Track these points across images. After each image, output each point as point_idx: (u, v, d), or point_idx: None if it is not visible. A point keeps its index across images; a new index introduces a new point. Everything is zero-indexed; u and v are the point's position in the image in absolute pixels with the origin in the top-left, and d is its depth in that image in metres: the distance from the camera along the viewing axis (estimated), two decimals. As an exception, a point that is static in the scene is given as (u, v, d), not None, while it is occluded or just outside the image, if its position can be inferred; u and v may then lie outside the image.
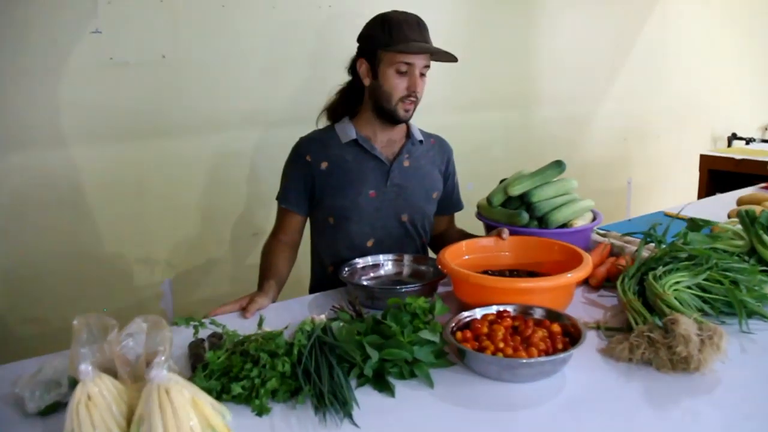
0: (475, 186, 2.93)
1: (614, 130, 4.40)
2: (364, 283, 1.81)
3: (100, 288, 2.54)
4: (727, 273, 1.63)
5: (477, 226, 2.08)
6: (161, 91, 2.54)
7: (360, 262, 1.86)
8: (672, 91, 4.69)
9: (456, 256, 1.75)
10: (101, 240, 2.51)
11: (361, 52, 1.88)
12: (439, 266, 1.65)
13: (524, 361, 1.29)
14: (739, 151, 4.11)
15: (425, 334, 1.38)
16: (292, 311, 1.70)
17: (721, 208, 2.66)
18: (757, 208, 2.27)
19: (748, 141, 5.16)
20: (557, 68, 3.94)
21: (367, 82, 1.87)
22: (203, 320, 1.50)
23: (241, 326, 1.58)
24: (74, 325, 1.17)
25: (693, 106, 4.88)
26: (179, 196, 2.67)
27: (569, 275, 1.54)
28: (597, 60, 4.17)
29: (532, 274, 1.78)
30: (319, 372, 1.28)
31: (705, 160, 3.98)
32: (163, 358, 1.06)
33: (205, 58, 2.62)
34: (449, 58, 1.83)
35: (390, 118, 1.88)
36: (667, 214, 2.62)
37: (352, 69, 1.93)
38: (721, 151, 4.19)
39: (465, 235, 2.05)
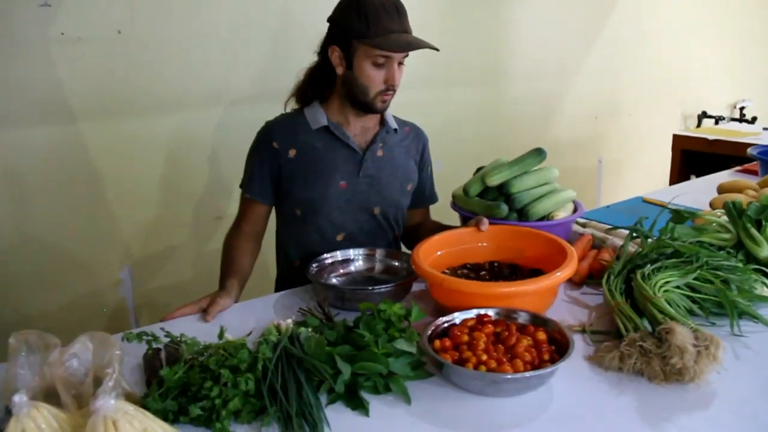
0: (444, 165, 2.83)
1: (585, 107, 4.32)
2: (333, 281, 1.69)
3: (53, 278, 2.39)
4: (717, 272, 1.54)
5: (451, 216, 1.98)
6: (116, 69, 2.38)
7: (329, 257, 1.74)
8: (644, 68, 4.61)
9: (430, 252, 1.64)
10: (52, 227, 2.36)
11: (333, 38, 1.72)
12: (413, 267, 1.53)
13: (509, 376, 1.19)
14: (710, 131, 4.06)
15: (401, 345, 1.27)
16: (256, 312, 1.58)
17: (700, 193, 2.59)
18: (740, 197, 2.20)
19: (718, 119, 5.13)
20: (529, 44, 3.83)
21: (340, 71, 1.73)
22: (159, 327, 1.37)
23: (201, 331, 1.45)
24: (11, 343, 1.03)
25: (664, 83, 4.82)
26: (136, 179, 2.53)
27: (558, 274, 1.44)
28: (569, 36, 4.07)
29: (513, 266, 1.68)
30: (286, 390, 1.16)
31: (678, 140, 3.92)
32: (110, 383, 0.94)
33: (164, 34, 2.46)
34: (430, 47, 1.68)
35: (366, 109, 1.75)
36: (645, 201, 2.54)
37: (323, 52, 1.77)
38: (694, 131, 4.14)
39: (441, 228, 1.94)
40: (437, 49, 1.65)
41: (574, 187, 1.94)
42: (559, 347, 1.30)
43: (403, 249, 2.01)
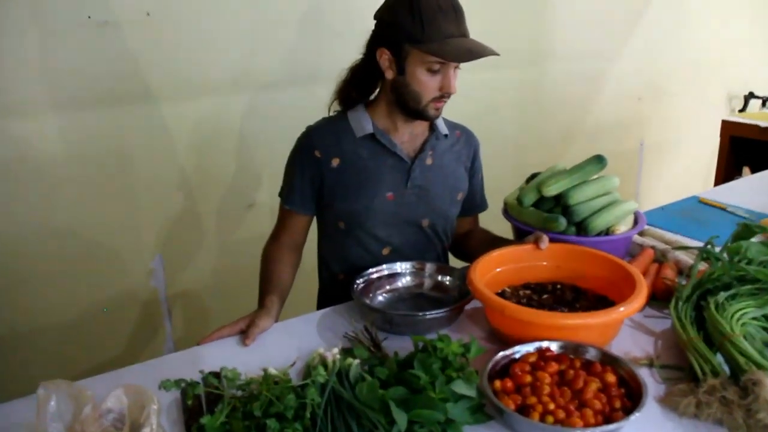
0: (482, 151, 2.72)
1: (627, 89, 4.15)
2: (380, 299, 1.60)
3: (82, 268, 2.32)
4: (798, 302, 1.42)
5: (496, 220, 1.86)
6: (145, 52, 2.26)
7: (375, 272, 1.64)
8: (687, 48, 4.41)
9: (487, 270, 1.53)
10: (80, 216, 2.28)
11: (382, 40, 1.57)
12: (470, 288, 1.43)
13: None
14: (760, 116, 3.88)
15: (460, 388, 1.17)
16: (299, 335, 1.48)
17: (759, 193, 2.45)
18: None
19: (765, 100, 4.92)
20: (569, 25, 3.65)
21: (389, 75, 1.58)
22: (198, 370, 1.27)
23: (241, 357, 1.37)
24: (39, 394, 0.95)
25: (709, 63, 4.61)
26: (164, 166, 2.43)
27: (627, 307, 1.33)
28: (612, 16, 3.89)
29: (576, 289, 1.57)
30: (338, 441, 1.07)
31: (727, 126, 3.74)
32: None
33: (192, 16, 2.34)
34: (492, 53, 1.52)
35: (417, 116, 1.61)
36: (702, 201, 2.40)
37: (369, 52, 1.62)
38: (745, 116, 3.96)
39: (492, 239, 1.83)
40: (498, 54, 1.50)
41: (614, 172, 1.82)
42: (628, 388, 1.20)
43: (451, 259, 1.90)
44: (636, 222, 1.77)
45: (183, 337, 2.63)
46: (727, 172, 3.72)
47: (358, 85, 1.67)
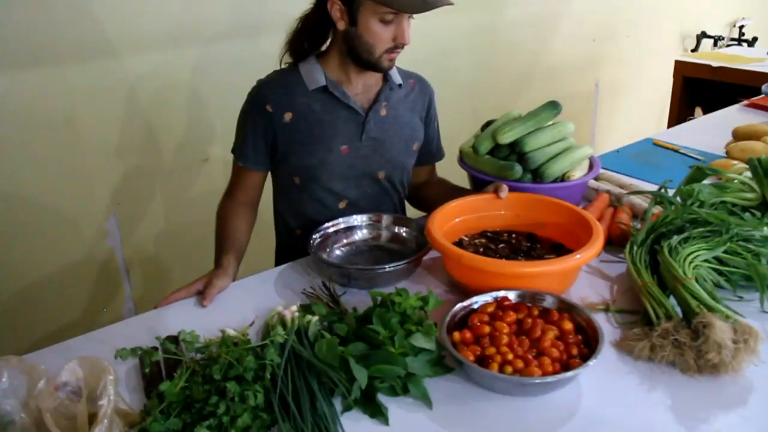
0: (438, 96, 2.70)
1: (582, 29, 4.14)
2: (337, 252, 1.59)
3: (35, 232, 2.27)
4: (747, 244, 1.45)
5: (454, 169, 1.86)
6: (86, 8, 2.17)
7: (331, 226, 1.62)
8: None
9: (446, 221, 1.53)
10: (27, 180, 2.21)
11: None
12: (428, 239, 1.42)
13: (538, 381, 1.10)
14: (712, 56, 3.90)
15: (419, 341, 1.17)
16: (257, 293, 1.47)
17: (711, 134, 2.49)
18: (758, 146, 2.10)
19: (717, 40, 4.95)
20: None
21: (341, 26, 1.53)
22: (155, 336, 1.25)
23: (200, 319, 1.36)
24: (-10, 370, 0.92)
25: (662, 3, 4.62)
26: (114, 124, 2.37)
27: (584, 253, 1.34)
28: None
29: (532, 237, 1.58)
30: (299, 400, 1.07)
31: (680, 66, 3.76)
32: (105, 422, 0.84)
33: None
34: (447, 3, 1.48)
35: (370, 68, 1.57)
36: (656, 143, 2.42)
37: (320, 1, 1.57)
38: (697, 56, 3.98)
39: (450, 188, 1.82)
40: (452, 4, 1.46)
41: (571, 112, 1.82)
42: (585, 335, 1.22)
43: (409, 209, 1.89)
44: (591, 167, 1.78)
45: (143, 296, 2.60)
46: (680, 112, 3.76)
47: (309, 36, 1.63)
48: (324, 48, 1.66)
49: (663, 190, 1.65)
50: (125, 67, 2.32)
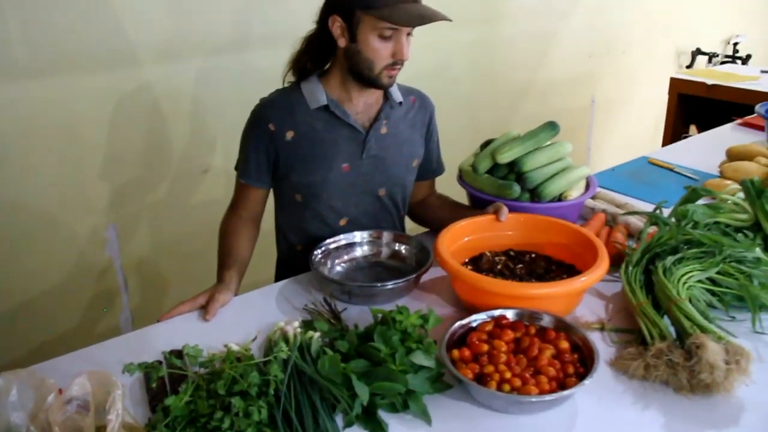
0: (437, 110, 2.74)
1: (580, 45, 4.18)
2: (338, 269, 1.62)
3: (34, 241, 2.29)
4: (740, 266, 1.48)
5: (453, 186, 1.89)
6: (89, 18, 2.20)
7: (332, 242, 1.65)
8: (638, 4, 4.46)
9: (455, 240, 1.56)
10: (29, 189, 2.23)
11: (334, 7, 1.55)
12: (438, 261, 1.45)
13: (534, 399, 1.13)
14: (706, 73, 3.95)
15: (419, 359, 1.20)
16: (259, 308, 1.50)
17: (706, 153, 2.52)
18: (752, 167, 2.14)
19: (711, 56, 5.01)
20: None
21: (342, 43, 1.56)
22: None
23: (203, 333, 1.38)
24: (-1, 384, 0.94)
25: (659, 20, 4.67)
26: (116, 134, 2.38)
27: (588, 276, 1.38)
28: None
29: (532, 255, 1.62)
30: (301, 416, 1.10)
31: (675, 83, 3.80)
32: (115, 436, 0.86)
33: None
34: (444, 18, 1.52)
35: (370, 84, 1.60)
36: (651, 162, 2.46)
37: (322, 21, 1.60)
38: (692, 73, 4.02)
39: (449, 204, 1.85)
40: (450, 20, 1.49)
41: (567, 127, 1.84)
42: (581, 354, 1.25)
43: (409, 223, 1.92)
44: (588, 187, 1.81)
45: (140, 306, 2.62)
46: (675, 129, 3.80)
47: (312, 56, 1.65)
48: (326, 67, 1.69)
49: (658, 211, 1.68)
50: (127, 77, 2.35)
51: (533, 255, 1.62)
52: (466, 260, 1.60)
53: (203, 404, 1.08)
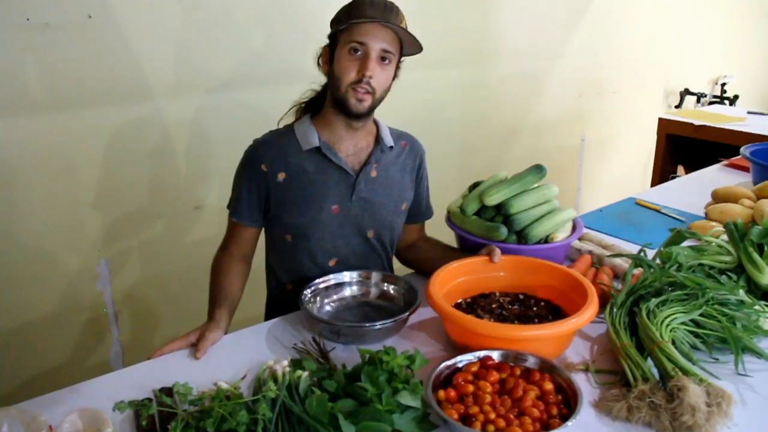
0: (428, 148, 2.78)
1: (569, 86, 4.26)
2: (327, 308, 1.64)
3: (27, 275, 2.30)
4: (723, 308, 1.51)
5: (443, 228, 1.92)
6: (88, 56, 2.24)
7: (322, 282, 1.67)
8: (628, 45, 4.55)
9: (447, 281, 1.59)
10: (22, 222, 2.25)
11: (328, 40, 1.65)
12: (430, 302, 1.47)
13: (519, 441, 1.15)
14: (694, 114, 4.02)
15: (405, 399, 1.21)
16: (248, 347, 1.51)
17: (692, 193, 2.57)
18: (736, 208, 2.18)
19: (699, 97, 5.09)
20: (514, 23, 3.74)
21: (325, 69, 1.64)
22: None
23: (193, 370, 1.40)
24: (-8, 421, 0.96)
25: (648, 61, 4.76)
26: (111, 169, 2.41)
27: (574, 320, 1.40)
28: (553, 15, 3.98)
29: (523, 297, 1.65)
30: (288, 456, 1.11)
31: (663, 124, 3.87)
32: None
33: (137, 18, 2.32)
34: (413, 45, 1.60)
35: (342, 110, 1.62)
36: (638, 203, 2.50)
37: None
38: (679, 114, 4.10)
39: (439, 247, 1.88)
40: (420, 47, 1.58)
41: (557, 166, 1.88)
42: (565, 395, 1.27)
43: (397, 264, 1.95)
44: (574, 229, 1.84)
45: (130, 340, 2.62)
46: (663, 169, 3.86)
47: (310, 101, 1.74)
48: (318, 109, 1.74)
49: (642, 253, 1.71)
50: (123, 114, 2.39)
51: (533, 299, 1.65)
52: (459, 300, 1.62)
53: (191, 443, 1.09)
